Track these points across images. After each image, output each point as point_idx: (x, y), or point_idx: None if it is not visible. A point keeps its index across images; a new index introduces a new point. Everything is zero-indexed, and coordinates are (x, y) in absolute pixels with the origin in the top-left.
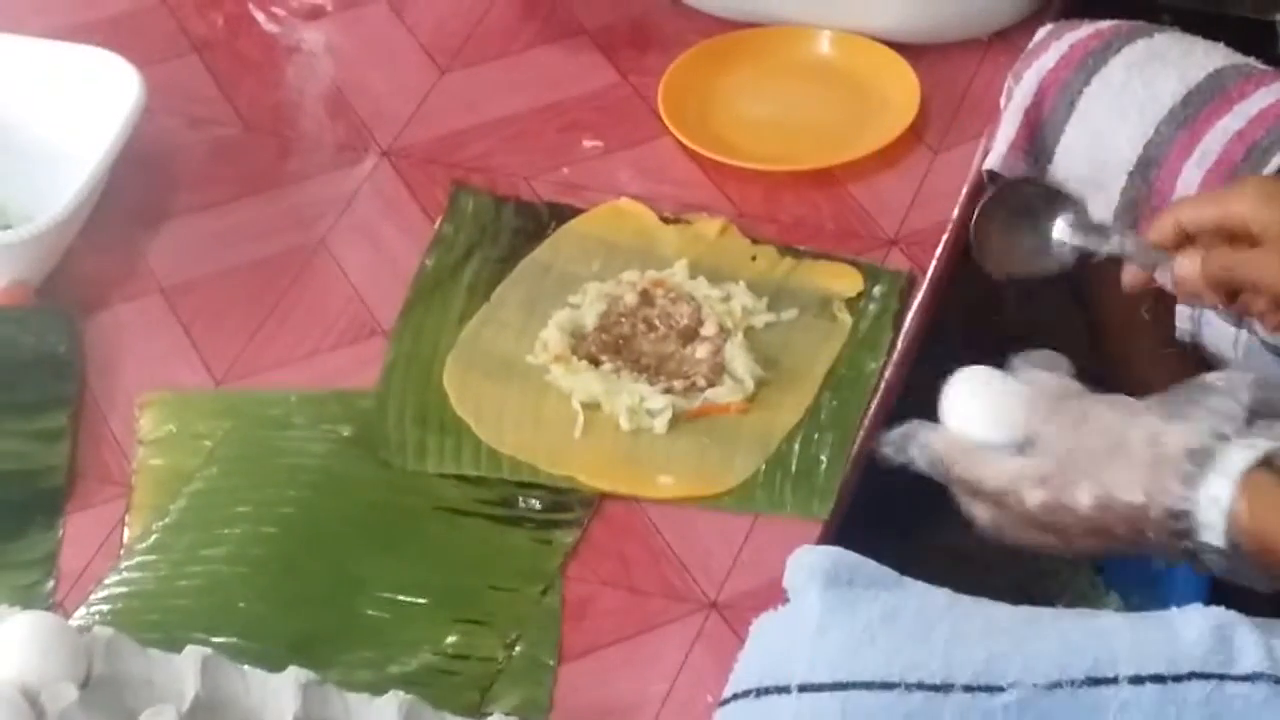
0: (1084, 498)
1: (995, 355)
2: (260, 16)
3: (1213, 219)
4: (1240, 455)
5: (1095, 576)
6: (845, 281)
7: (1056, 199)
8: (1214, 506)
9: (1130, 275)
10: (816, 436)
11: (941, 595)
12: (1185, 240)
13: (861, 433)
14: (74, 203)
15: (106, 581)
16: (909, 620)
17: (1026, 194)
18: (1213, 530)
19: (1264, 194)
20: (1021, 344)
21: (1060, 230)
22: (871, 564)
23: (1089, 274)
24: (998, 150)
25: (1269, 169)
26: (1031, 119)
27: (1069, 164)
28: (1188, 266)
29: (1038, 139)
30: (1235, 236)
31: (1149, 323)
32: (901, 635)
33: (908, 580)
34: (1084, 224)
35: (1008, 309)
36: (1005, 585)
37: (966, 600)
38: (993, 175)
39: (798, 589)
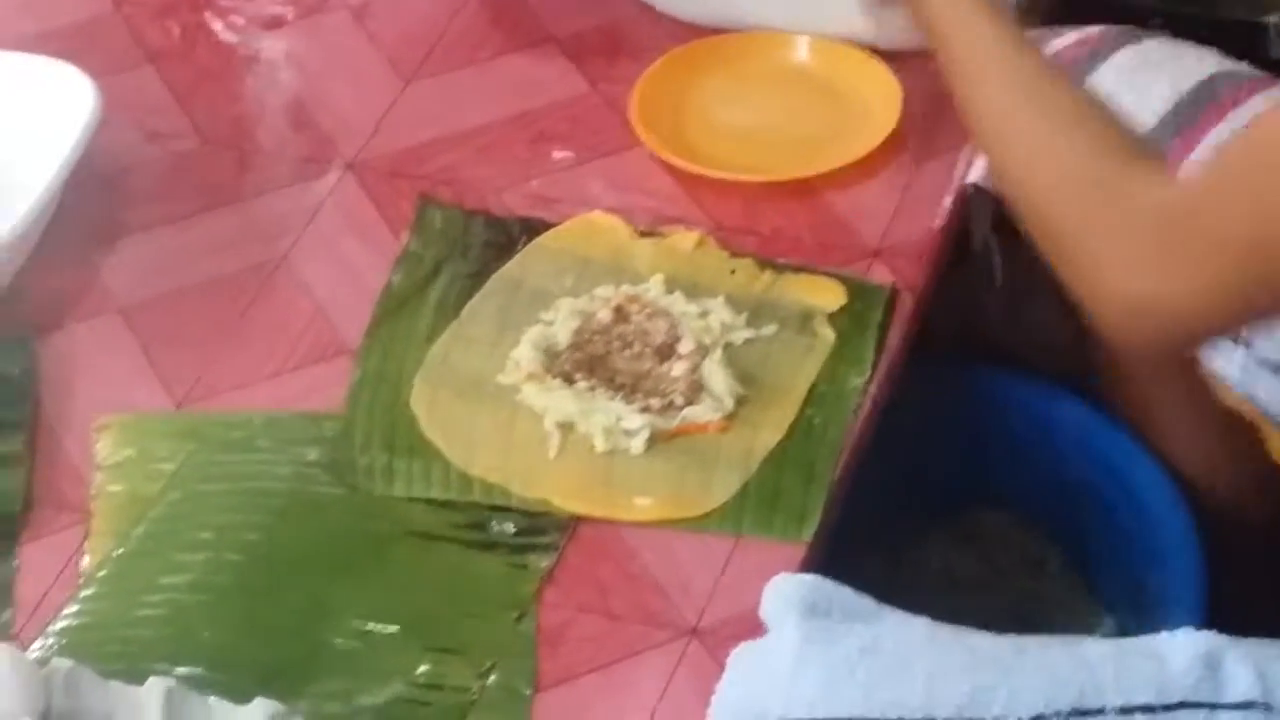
0: None
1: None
2: (218, 26)
3: None
4: None
5: (1089, 598)
6: (827, 295)
7: None
8: None
9: None
10: (799, 455)
11: (921, 626)
12: None
13: (846, 451)
14: (27, 219)
15: (65, 612)
16: (889, 654)
17: None
18: None
19: None
20: (1010, 355)
21: None
22: (850, 592)
23: None
24: (981, 161)
25: None
26: None
27: None
28: None
29: None
30: None
31: None
32: (881, 670)
33: (886, 610)
34: None
35: (994, 320)
36: (997, 607)
37: (947, 631)
38: (977, 187)
39: (775, 619)
